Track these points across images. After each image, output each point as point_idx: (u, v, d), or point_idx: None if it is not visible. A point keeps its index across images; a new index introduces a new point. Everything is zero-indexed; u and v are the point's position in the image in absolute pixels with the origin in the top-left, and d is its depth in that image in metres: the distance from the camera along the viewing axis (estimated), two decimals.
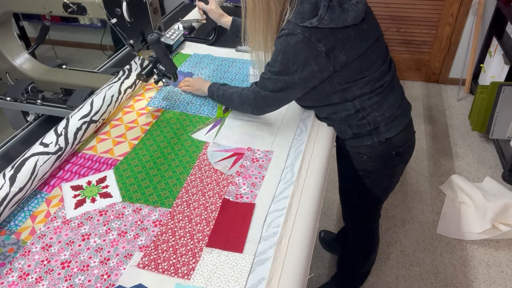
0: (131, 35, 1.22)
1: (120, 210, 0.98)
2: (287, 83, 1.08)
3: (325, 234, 2.01)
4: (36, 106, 1.41)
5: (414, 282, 1.83)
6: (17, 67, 1.49)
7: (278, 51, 1.05)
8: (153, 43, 1.16)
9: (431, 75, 3.25)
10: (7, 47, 1.47)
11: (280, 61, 1.05)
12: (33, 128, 1.39)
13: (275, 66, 1.06)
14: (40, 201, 1.01)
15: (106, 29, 3.64)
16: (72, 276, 0.84)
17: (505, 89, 2.31)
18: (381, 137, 1.18)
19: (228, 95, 1.26)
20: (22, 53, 1.52)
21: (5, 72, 1.51)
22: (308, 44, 1.01)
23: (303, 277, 0.81)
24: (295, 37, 1.01)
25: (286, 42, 1.02)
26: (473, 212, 2.08)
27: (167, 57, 1.21)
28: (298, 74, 1.05)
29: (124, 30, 1.19)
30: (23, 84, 1.43)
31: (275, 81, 1.09)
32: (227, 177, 1.06)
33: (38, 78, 1.50)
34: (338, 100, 1.13)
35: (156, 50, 1.20)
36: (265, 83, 1.12)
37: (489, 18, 2.83)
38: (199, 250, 0.88)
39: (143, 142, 1.19)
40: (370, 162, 1.24)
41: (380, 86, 1.13)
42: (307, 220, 0.92)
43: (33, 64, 1.54)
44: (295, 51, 1.02)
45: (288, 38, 1.02)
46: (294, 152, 1.12)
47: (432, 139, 2.67)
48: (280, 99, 1.14)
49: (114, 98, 1.26)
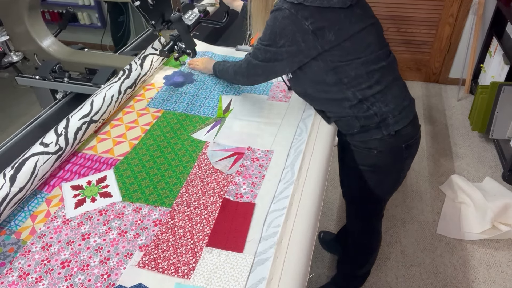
0: (153, 16, 1.34)
1: (120, 209, 0.98)
2: (275, 55, 1.14)
3: (324, 235, 2.00)
4: (63, 84, 1.56)
5: (414, 282, 1.83)
6: (45, 49, 1.61)
7: (267, 26, 1.12)
8: (175, 21, 1.29)
9: (431, 75, 3.25)
10: (35, 30, 1.59)
11: (269, 34, 1.11)
12: (61, 105, 1.53)
13: (265, 39, 1.13)
14: (40, 201, 1.01)
15: (106, 29, 3.64)
16: (72, 275, 0.84)
17: (505, 89, 2.31)
18: (390, 130, 1.17)
19: (225, 69, 1.38)
20: (48, 36, 1.65)
21: (33, 54, 1.64)
22: (294, 21, 1.06)
23: (303, 277, 0.81)
24: (282, 12, 1.07)
25: (274, 18, 1.09)
26: (473, 212, 2.08)
27: (188, 34, 1.35)
28: (285, 48, 1.10)
29: (146, 11, 1.31)
30: (51, 64, 1.58)
31: (265, 51, 1.15)
32: (227, 176, 1.06)
33: (64, 59, 1.62)
34: (334, 80, 1.13)
35: (178, 27, 1.32)
36: (256, 53, 1.18)
37: (489, 18, 2.83)
38: (199, 250, 0.88)
39: (143, 142, 1.19)
40: (380, 156, 1.23)
41: (376, 70, 1.13)
42: (308, 220, 0.92)
43: (58, 46, 1.66)
44: (282, 26, 1.08)
45: (276, 14, 1.08)
46: (294, 152, 1.12)
47: (432, 139, 2.67)
48: (268, 69, 1.19)
49: (114, 98, 1.26)
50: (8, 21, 1.57)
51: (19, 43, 1.63)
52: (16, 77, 1.67)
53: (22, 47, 1.64)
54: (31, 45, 1.61)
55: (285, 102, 1.33)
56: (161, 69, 1.56)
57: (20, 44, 1.63)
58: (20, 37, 1.60)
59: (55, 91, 1.63)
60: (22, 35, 1.59)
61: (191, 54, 1.38)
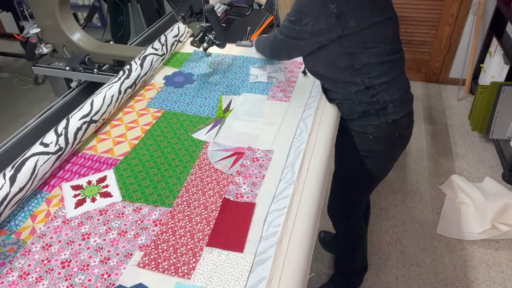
0: (183, 8, 1.42)
1: (120, 209, 0.98)
2: (299, 34, 1.18)
3: (324, 235, 2.01)
4: (77, 73, 1.64)
5: (414, 282, 1.83)
6: (74, 41, 1.67)
7: (295, 4, 1.15)
8: (209, 11, 1.34)
9: (431, 75, 3.25)
10: (65, 23, 1.65)
11: (296, 11, 1.15)
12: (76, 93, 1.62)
13: (292, 14, 1.17)
14: (40, 201, 1.01)
15: (106, 28, 3.64)
16: (72, 275, 0.84)
17: (505, 89, 2.32)
18: (388, 118, 1.24)
19: (259, 39, 1.43)
20: (77, 28, 1.70)
21: (62, 46, 1.70)
22: (320, 2, 1.10)
23: (303, 277, 0.81)
24: None
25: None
26: (473, 212, 2.08)
27: (220, 25, 1.39)
28: (308, 27, 1.14)
29: (176, 4, 1.38)
30: (80, 56, 1.64)
31: (290, 29, 1.19)
32: (227, 176, 1.06)
33: (92, 51, 1.69)
34: (346, 65, 1.18)
35: (210, 18, 1.36)
36: (283, 29, 1.22)
37: (489, 18, 2.83)
38: (200, 250, 0.88)
39: (143, 142, 1.19)
40: (375, 142, 1.29)
41: (387, 61, 1.19)
42: (308, 220, 0.92)
43: (87, 39, 1.73)
44: (309, 5, 1.12)
45: None
46: (295, 152, 1.12)
47: (432, 139, 2.67)
48: (292, 47, 1.23)
49: (114, 98, 1.26)
50: (39, 14, 1.63)
51: (49, 35, 1.68)
52: (32, 67, 1.72)
53: (52, 40, 1.70)
54: (61, 38, 1.67)
55: (285, 102, 1.33)
56: (161, 69, 1.56)
57: (50, 37, 1.69)
58: (50, 29, 1.65)
59: (70, 80, 1.70)
60: (52, 28, 1.64)
61: (221, 45, 1.42)
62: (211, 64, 1.58)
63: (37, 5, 1.60)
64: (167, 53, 1.57)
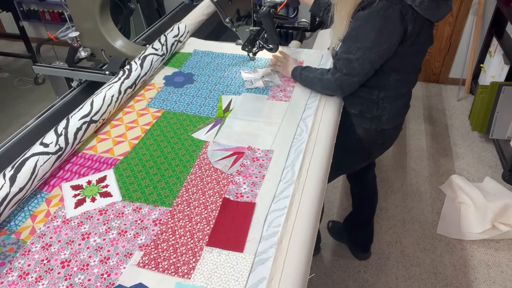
0: (230, 12, 1.38)
1: (120, 209, 0.98)
2: (373, 63, 1.10)
3: (333, 224, 2.04)
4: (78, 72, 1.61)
5: (414, 282, 1.83)
6: (113, 45, 1.65)
7: (373, 24, 1.03)
8: (264, 16, 1.29)
9: (431, 75, 3.25)
10: (105, 27, 1.63)
11: (375, 35, 1.04)
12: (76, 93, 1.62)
13: (366, 40, 1.05)
14: (40, 201, 1.01)
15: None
16: (72, 275, 0.83)
17: (505, 89, 2.31)
18: (378, 126, 1.30)
19: (310, 80, 1.31)
20: (116, 32, 1.68)
21: (100, 50, 1.67)
22: (402, 22, 1.02)
23: (303, 277, 0.81)
24: (394, 11, 1.01)
25: (384, 15, 1.02)
26: (473, 212, 2.08)
27: (275, 29, 1.34)
28: (383, 49, 1.07)
29: (224, 7, 1.34)
30: (120, 60, 1.61)
31: (364, 61, 1.09)
32: (227, 176, 1.06)
33: (130, 54, 1.65)
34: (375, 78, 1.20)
35: (266, 22, 1.31)
36: (352, 65, 1.11)
37: (489, 18, 2.83)
38: (199, 249, 0.88)
39: (143, 142, 1.19)
40: (358, 141, 1.36)
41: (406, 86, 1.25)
42: (308, 220, 0.92)
43: (125, 43, 1.71)
44: (392, 27, 1.03)
45: (390, 12, 1.01)
46: (295, 152, 1.12)
47: (432, 139, 2.67)
48: (364, 79, 1.17)
49: (114, 98, 1.26)
50: (78, 17, 1.59)
51: (87, 39, 1.65)
52: (33, 66, 1.69)
53: (90, 43, 1.66)
54: (100, 41, 1.64)
55: (285, 101, 1.33)
56: (161, 69, 1.56)
57: (88, 40, 1.65)
58: (89, 33, 1.62)
59: (70, 80, 1.68)
60: (91, 31, 1.61)
61: (273, 49, 1.38)
62: (211, 63, 1.58)
63: (76, 8, 1.57)
64: (167, 53, 1.57)
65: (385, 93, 1.24)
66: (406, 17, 1.04)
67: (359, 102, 1.30)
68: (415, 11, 1.04)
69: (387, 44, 1.06)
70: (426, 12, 1.05)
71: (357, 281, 1.84)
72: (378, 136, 1.35)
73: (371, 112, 1.28)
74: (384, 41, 1.06)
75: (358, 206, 1.83)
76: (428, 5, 1.04)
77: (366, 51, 1.08)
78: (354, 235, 1.91)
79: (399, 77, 1.21)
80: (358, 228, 1.87)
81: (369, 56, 1.09)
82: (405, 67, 1.18)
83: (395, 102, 1.26)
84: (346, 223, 1.93)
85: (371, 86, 1.23)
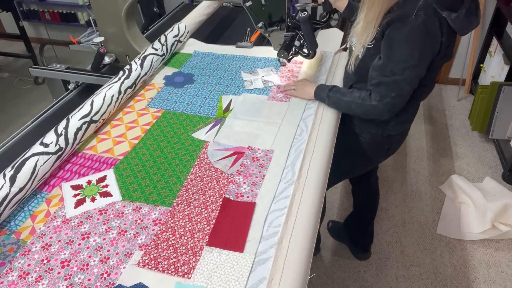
0: (263, 17, 1.34)
1: (120, 209, 0.98)
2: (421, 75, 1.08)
3: (333, 224, 2.04)
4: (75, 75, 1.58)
5: (414, 282, 1.83)
6: (138, 50, 1.59)
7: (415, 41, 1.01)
8: (303, 21, 1.25)
9: None
10: (130, 32, 1.60)
11: (420, 52, 1.01)
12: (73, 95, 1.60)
13: (412, 59, 1.03)
14: (40, 201, 1.01)
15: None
16: (72, 275, 0.83)
17: (505, 89, 2.31)
18: (385, 132, 1.29)
19: (345, 105, 1.22)
20: (141, 37, 1.64)
21: (125, 55, 1.63)
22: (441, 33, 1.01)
23: (303, 277, 0.81)
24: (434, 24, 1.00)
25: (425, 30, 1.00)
26: (473, 212, 2.08)
27: (313, 35, 1.30)
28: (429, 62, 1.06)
29: (257, 12, 1.30)
30: None
31: (413, 79, 1.07)
32: (227, 176, 1.06)
33: None
34: None
35: (305, 28, 1.27)
36: (401, 87, 1.08)
37: (489, 18, 2.83)
38: (200, 249, 0.87)
39: (143, 142, 1.19)
40: (364, 146, 1.35)
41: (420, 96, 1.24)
42: (308, 220, 0.92)
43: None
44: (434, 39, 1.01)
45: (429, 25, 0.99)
46: (295, 152, 1.12)
47: (432, 139, 2.67)
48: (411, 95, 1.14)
49: (114, 98, 1.26)
50: (103, 22, 1.55)
51: (112, 44, 1.61)
52: (30, 68, 1.67)
53: (115, 48, 1.62)
54: (124, 46, 1.60)
55: (285, 102, 1.33)
56: (161, 69, 1.56)
57: (112, 45, 1.61)
58: (114, 38, 1.58)
59: (67, 82, 1.65)
60: (116, 36, 1.57)
61: (310, 55, 1.34)
62: (211, 63, 1.58)
63: (101, 12, 1.53)
64: (167, 53, 1.57)
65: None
66: (443, 29, 1.02)
67: None
68: (448, 24, 1.04)
69: (431, 56, 1.06)
70: (459, 26, 1.04)
71: (357, 281, 1.84)
72: (384, 141, 1.33)
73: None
74: (428, 54, 1.04)
75: (360, 207, 1.83)
76: (462, 20, 1.02)
77: (414, 69, 1.05)
78: (354, 235, 1.91)
79: (416, 89, 1.17)
80: (358, 228, 1.87)
81: (417, 73, 1.07)
82: (425, 80, 1.15)
83: (404, 110, 1.23)
84: (346, 223, 1.93)
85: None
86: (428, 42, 1.03)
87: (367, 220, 1.82)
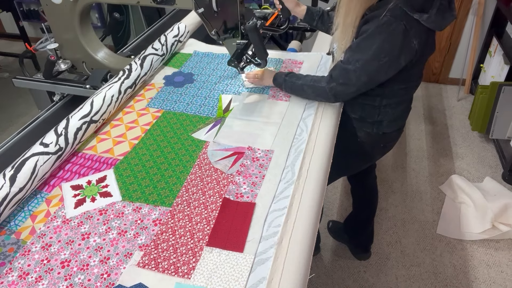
0: (216, 24, 1.28)
1: (120, 209, 0.98)
2: (371, 76, 1.08)
3: (333, 224, 2.04)
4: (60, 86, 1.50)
5: (414, 282, 1.83)
6: (94, 57, 1.55)
7: (374, 38, 1.02)
8: (250, 30, 1.21)
9: (431, 75, 3.25)
10: (85, 38, 1.53)
11: (375, 49, 1.03)
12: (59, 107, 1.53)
13: (367, 53, 1.04)
14: (40, 201, 1.01)
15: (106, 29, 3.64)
16: (72, 275, 0.83)
17: (505, 89, 2.32)
18: (379, 130, 1.31)
19: (299, 88, 1.27)
20: (98, 43, 1.58)
21: (81, 62, 1.57)
22: (405, 37, 1.01)
23: (303, 277, 0.81)
24: (399, 26, 1.00)
25: (387, 30, 1.01)
26: (473, 212, 2.08)
27: (262, 44, 1.26)
28: (385, 67, 1.06)
29: (210, 19, 1.25)
30: (102, 73, 1.50)
31: (361, 74, 1.08)
32: (227, 176, 1.06)
33: (113, 67, 1.56)
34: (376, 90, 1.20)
35: (252, 37, 1.23)
36: (349, 76, 1.10)
37: (489, 18, 2.83)
38: (200, 249, 0.88)
39: (143, 142, 1.19)
40: (360, 144, 1.37)
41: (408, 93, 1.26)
42: (308, 220, 0.92)
43: (107, 54, 1.61)
44: (394, 42, 1.01)
45: (393, 27, 1.00)
46: (295, 152, 1.12)
47: (432, 139, 2.67)
48: (360, 90, 1.16)
49: (114, 98, 1.26)
50: (57, 28, 1.50)
51: (68, 50, 1.56)
52: (13, 79, 1.62)
53: (70, 55, 1.57)
54: (80, 53, 1.55)
55: (285, 101, 1.33)
56: (161, 69, 1.56)
57: (68, 52, 1.57)
58: (69, 44, 1.54)
59: (52, 93, 1.58)
60: (71, 43, 1.53)
61: (261, 64, 1.30)
62: (211, 63, 1.58)
63: (55, 18, 1.47)
64: (167, 53, 1.57)
65: (388, 101, 1.25)
66: (411, 33, 1.02)
67: (359, 108, 1.30)
68: (421, 24, 1.04)
69: (387, 58, 1.05)
70: (433, 25, 1.05)
71: (357, 281, 1.84)
72: (379, 139, 1.36)
73: (372, 117, 1.29)
74: (383, 56, 1.05)
75: (359, 206, 1.83)
76: (435, 18, 1.03)
77: (365, 64, 1.07)
78: (354, 235, 1.91)
79: (404, 85, 1.21)
80: (358, 228, 1.87)
81: (367, 69, 1.08)
82: (410, 76, 1.18)
83: (396, 107, 1.27)
84: (346, 223, 1.93)
85: (374, 94, 1.23)
86: (387, 42, 1.03)
87: (366, 219, 1.82)
